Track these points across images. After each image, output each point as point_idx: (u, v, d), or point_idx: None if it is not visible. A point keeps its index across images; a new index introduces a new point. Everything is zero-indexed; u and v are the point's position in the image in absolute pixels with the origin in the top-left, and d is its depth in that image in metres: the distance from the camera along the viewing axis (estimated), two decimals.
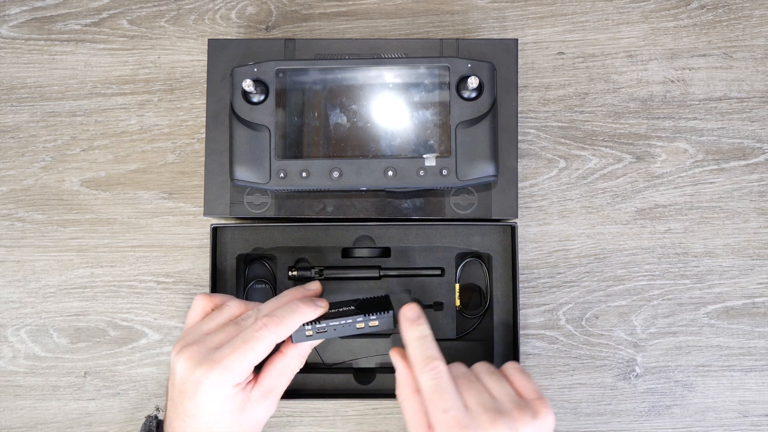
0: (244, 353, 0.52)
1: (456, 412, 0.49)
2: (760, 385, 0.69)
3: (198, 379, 0.52)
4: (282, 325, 0.54)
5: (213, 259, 0.65)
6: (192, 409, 0.53)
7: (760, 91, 0.70)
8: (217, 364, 0.52)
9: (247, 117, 0.60)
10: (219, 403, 0.52)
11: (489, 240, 0.66)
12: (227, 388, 0.52)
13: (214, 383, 0.52)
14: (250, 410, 0.54)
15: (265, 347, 0.53)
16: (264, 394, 0.55)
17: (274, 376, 0.55)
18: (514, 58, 0.64)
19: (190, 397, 0.52)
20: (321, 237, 0.66)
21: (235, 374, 0.52)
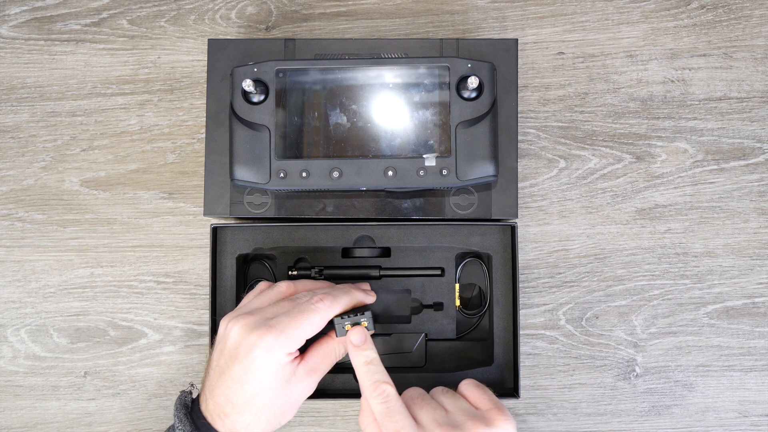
0: (301, 322, 0.54)
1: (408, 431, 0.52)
2: (760, 385, 0.69)
3: (254, 342, 0.53)
4: (337, 302, 0.56)
5: (213, 259, 0.65)
6: (241, 374, 0.54)
7: (760, 91, 0.70)
8: (274, 329, 0.53)
9: (247, 117, 0.60)
10: (269, 369, 0.53)
11: (489, 240, 0.66)
12: (281, 354, 0.53)
13: (270, 346, 0.53)
14: (294, 386, 0.55)
15: (321, 320, 0.55)
16: (309, 371, 0.56)
17: (320, 356, 0.57)
18: (514, 58, 0.64)
19: (241, 360, 0.53)
20: (321, 237, 0.66)
21: (291, 341, 0.53)
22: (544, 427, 0.68)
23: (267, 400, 0.54)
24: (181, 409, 0.56)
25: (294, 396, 0.56)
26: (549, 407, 0.69)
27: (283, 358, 0.54)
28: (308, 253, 0.67)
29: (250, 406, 0.54)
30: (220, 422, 0.54)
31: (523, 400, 0.68)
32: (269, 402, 0.54)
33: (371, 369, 0.55)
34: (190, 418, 0.55)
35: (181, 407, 0.56)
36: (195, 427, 0.54)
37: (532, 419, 0.69)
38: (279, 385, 0.54)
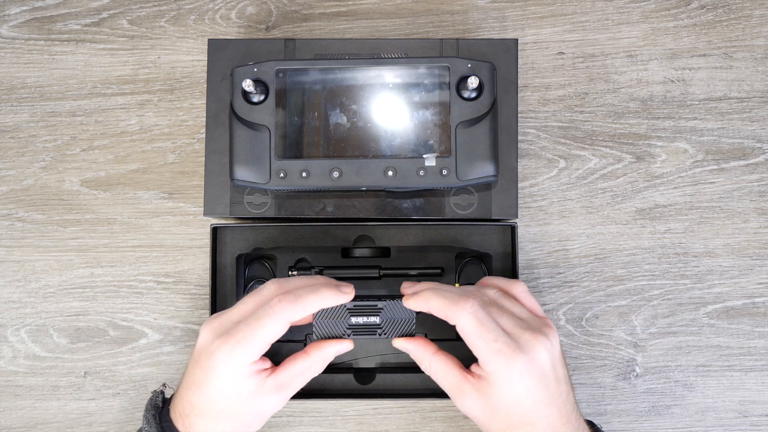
0: (256, 329, 0.52)
1: (505, 339, 0.51)
2: (760, 385, 0.69)
3: (213, 350, 0.52)
4: (298, 303, 0.53)
5: (213, 259, 0.65)
6: (201, 378, 0.53)
7: (760, 91, 0.70)
8: (232, 338, 0.52)
9: (247, 117, 0.60)
10: (228, 379, 0.52)
11: (489, 240, 0.66)
12: (241, 365, 0.52)
13: (227, 357, 0.52)
14: (259, 399, 0.53)
15: (278, 324, 0.52)
16: (277, 387, 0.54)
17: (292, 373, 0.55)
18: (514, 58, 0.64)
19: (202, 366, 0.53)
20: (321, 237, 0.66)
21: (248, 350, 0.52)
22: None
23: (226, 408, 0.53)
24: (150, 410, 0.55)
25: (258, 409, 0.54)
26: None
27: (243, 368, 0.52)
28: (308, 253, 0.67)
29: (207, 412, 0.53)
30: (180, 423, 0.54)
31: None
32: (228, 410, 0.53)
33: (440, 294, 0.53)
34: (157, 419, 0.54)
35: (151, 407, 0.55)
36: (161, 428, 0.54)
37: None
38: (240, 396, 0.53)
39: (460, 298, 0.53)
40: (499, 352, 0.51)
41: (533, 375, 0.51)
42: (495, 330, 0.51)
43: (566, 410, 0.53)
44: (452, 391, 0.54)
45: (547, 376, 0.52)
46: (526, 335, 0.52)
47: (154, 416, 0.55)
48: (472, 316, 0.52)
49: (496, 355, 0.51)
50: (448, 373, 0.54)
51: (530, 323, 0.54)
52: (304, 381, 0.56)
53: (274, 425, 0.69)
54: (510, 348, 0.51)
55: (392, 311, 0.56)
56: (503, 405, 0.51)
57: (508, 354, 0.51)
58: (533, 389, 0.51)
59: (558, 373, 0.53)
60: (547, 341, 0.52)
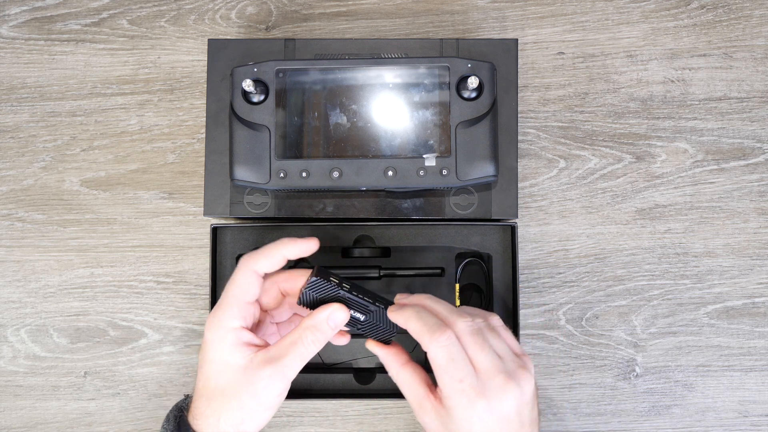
0: (228, 289, 0.53)
1: (471, 380, 0.50)
2: (760, 385, 0.69)
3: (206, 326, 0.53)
4: (260, 253, 0.54)
5: (213, 259, 0.65)
6: (200, 359, 0.54)
7: (760, 91, 0.70)
8: (215, 308, 0.53)
9: (247, 117, 0.60)
10: (218, 349, 0.52)
11: (489, 240, 0.66)
12: (225, 330, 0.52)
13: (211, 324, 0.53)
14: (252, 374, 0.51)
15: (244, 275, 0.53)
16: (268, 359, 0.52)
17: (283, 344, 0.52)
18: (514, 58, 0.64)
19: (201, 347, 0.54)
20: (321, 237, 0.66)
21: (226, 311, 0.52)
22: (545, 427, 0.68)
23: (219, 384, 0.52)
24: (174, 410, 0.56)
25: (253, 386, 0.51)
26: (549, 407, 0.69)
27: (228, 334, 0.52)
28: None
29: (205, 390, 0.53)
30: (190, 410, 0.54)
31: None
32: (222, 387, 0.52)
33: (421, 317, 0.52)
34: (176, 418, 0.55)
35: (175, 408, 0.56)
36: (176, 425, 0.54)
37: None
38: (232, 370, 0.52)
39: (438, 328, 0.51)
40: (462, 392, 0.50)
41: (493, 419, 0.50)
42: (464, 369, 0.50)
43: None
44: (413, 405, 0.53)
45: (510, 422, 0.50)
46: (497, 379, 0.50)
47: (175, 416, 0.55)
48: (444, 350, 0.50)
49: (458, 394, 0.50)
50: (413, 386, 0.53)
51: (507, 365, 0.51)
52: (301, 356, 0.53)
53: (274, 425, 0.69)
54: (474, 391, 0.50)
55: (380, 316, 0.55)
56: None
57: (471, 396, 0.50)
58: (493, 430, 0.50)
59: (523, 418, 0.51)
60: (518, 389, 0.50)
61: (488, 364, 0.51)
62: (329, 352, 0.67)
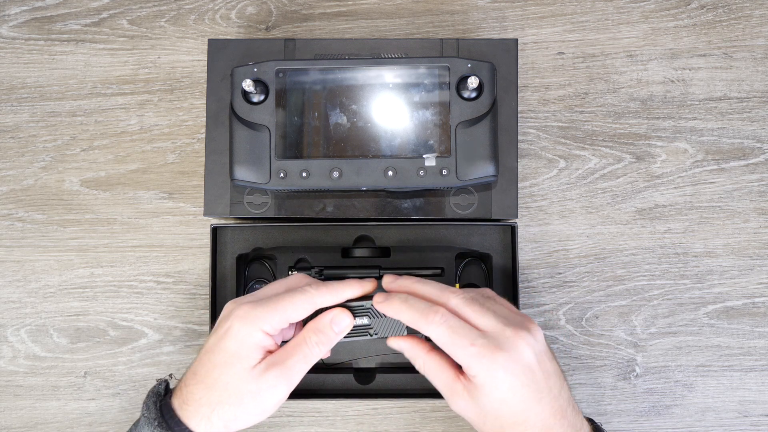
0: (283, 299, 0.52)
1: (482, 341, 0.50)
2: (760, 385, 0.69)
3: (234, 311, 0.52)
4: (328, 290, 0.54)
5: (213, 259, 0.65)
6: (213, 342, 0.53)
7: (760, 91, 0.70)
8: (254, 303, 0.53)
9: (247, 117, 0.60)
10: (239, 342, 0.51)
11: (489, 240, 0.66)
12: (255, 328, 0.52)
13: (245, 315, 0.52)
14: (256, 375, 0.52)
15: (306, 303, 0.53)
16: (273, 363, 0.52)
17: (288, 348, 0.53)
18: (514, 58, 0.64)
19: (217, 330, 0.53)
20: (321, 237, 0.66)
21: (268, 314, 0.52)
22: None
23: (224, 377, 0.52)
24: (152, 396, 0.54)
25: (255, 386, 0.51)
26: None
27: (256, 333, 0.51)
28: (308, 253, 0.67)
29: (207, 378, 0.52)
30: (178, 395, 0.53)
31: None
32: (225, 380, 0.52)
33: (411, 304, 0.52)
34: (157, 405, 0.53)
35: (152, 395, 0.54)
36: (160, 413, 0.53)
37: None
38: (241, 367, 0.51)
39: (429, 310, 0.51)
40: (478, 354, 0.49)
41: (517, 372, 0.49)
42: (470, 334, 0.50)
43: (559, 405, 0.51)
44: (445, 391, 0.53)
45: (533, 372, 0.50)
46: (506, 332, 0.50)
47: (155, 402, 0.53)
48: (444, 325, 0.50)
49: (475, 358, 0.49)
50: (441, 372, 0.53)
51: (511, 320, 0.52)
52: (305, 358, 0.53)
53: (274, 425, 0.69)
54: (488, 349, 0.49)
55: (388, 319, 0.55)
56: (492, 407, 0.50)
57: (487, 355, 0.49)
58: (519, 387, 0.50)
59: (545, 367, 0.51)
60: (530, 336, 0.50)
61: (492, 323, 0.51)
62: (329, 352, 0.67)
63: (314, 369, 0.66)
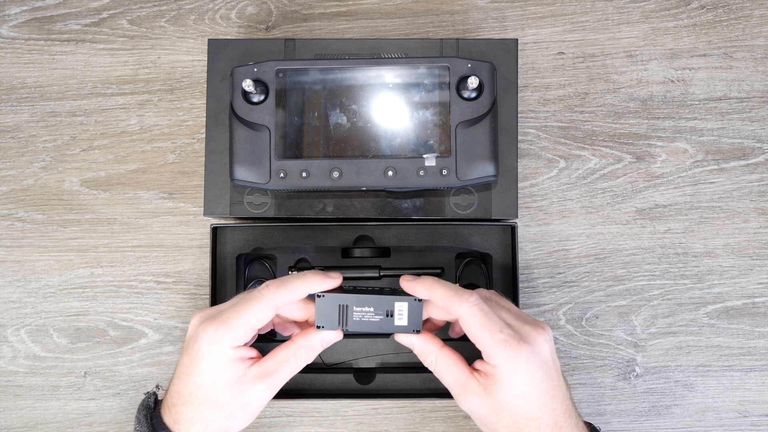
0: (242, 311, 0.52)
1: (509, 330, 0.51)
2: (760, 385, 0.69)
3: (199, 334, 0.52)
4: (284, 287, 0.53)
5: (213, 259, 0.65)
6: (188, 365, 0.53)
7: (760, 91, 0.70)
8: (216, 320, 0.52)
9: (247, 117, 0.60)
10: (213, 362, 0.52)
11: (489, 240, 0.66)
12: (224, 347, 0.52)
13: (212, 338, 0.52)
14: (243, 387, 0.52)
15: (265, 307, 0.52)
16: (261, 375, 0.53)
17: (277, 360, 0.54)
18: (514, 58, 0.64)
19: (189, 352, 0.53)
20: (321, 237, 0.66)
21: (232, 331, 0.52)
22: None
23: (210, 395, 0.52)
24: (142, 410, 0.55)
25: (243, 399, 0.53)
26: None
27: (227, 351, 0.52)
28: (308, 253, 0.67)
29: (192, 399, 0.53)
30: (167, 414, 0.53)
31: None
32: (213, 398, 0.52)
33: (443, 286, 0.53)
34: (148, 419, 0.54)
35: (143, 408, 0.55)
36: (152, 427, 0.53)
37: None
38: (225, 383, 0.52)
39: (463, 290, 0.53)
40: (504, 342, 0.50)
41: (538, 367, 0.51)
42: (498, 322, 0.51)
43: (567, 404, 0.53)
44: (457, 388, 0.53)
45: (550, 368, 0.52)
46: (526, 327, 0.52)
47: (146, 416, 0.54)
48: (476, 307, 0.51)
49: (501, 345, 0.50)
50: (454, 369, 0.53)
51: (526, 318, 0.54)
52: (292, 371, 0.54)
53: (274, 425, 0.69)
54: (514, 339, 0.51)
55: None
56: (509, 401, 0.51)
57: (513, 345, 0.50)
58: (538, 381, 0.51)
59: (557, 365, 0.53)
60: (546, 333, 0.53)
61: (511, 318, 0.53)
62: (329, 352, 0.67)
63: (314, 369, 0.66)
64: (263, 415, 0.68)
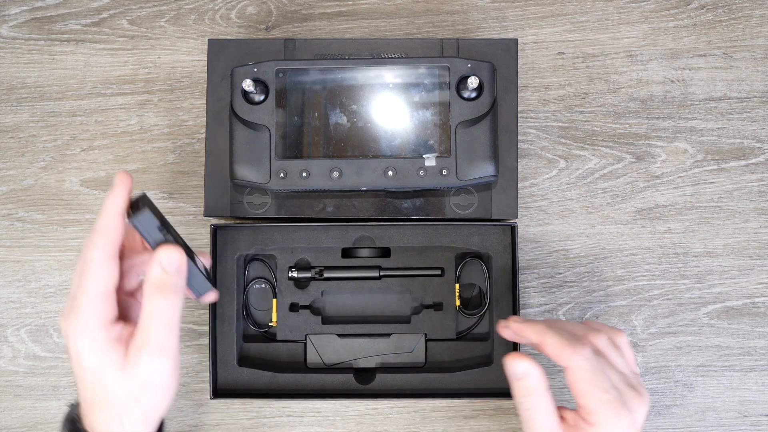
0: (84, 285, 0.47)
1: (615, 392, 0.51)
2: (760, 385, 0.69)
3: (67, 334, 0.48)
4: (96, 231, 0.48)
5: (213, 259, 0.65)
6: (75, 369, 0.49)
7: (760, 91, 0.70)
8: (70, 311, 0.48)
9: (247, 117, 0.60)
10: (92, 356, 0.47)
11: (489, 240, 0.66)
12: (92, 334, 0.47)
13: (75, 331, 0.47)
14: (133, 369, 0.47)
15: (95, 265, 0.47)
16: (138, 347, 0.47)
17: (143, 323, 0.48)
18: (514, 58, 0.64)
19: (71, 356, 0.48)
20: (321, 237, 0.66)
21: (85, 311, 0.47)
22: None
23: (108, 391, 0.48)
24: (67, 425, 0.51)
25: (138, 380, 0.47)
26: None
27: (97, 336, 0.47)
28: (308, 253, 0.67)
29: (95, 401, 0.49)
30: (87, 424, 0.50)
31: None
32: (111, 394, 0.48)
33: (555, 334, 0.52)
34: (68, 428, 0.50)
35: (68, 422, 0.51)
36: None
37: None
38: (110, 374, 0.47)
39: (578, 342, 0.52)
40: (609, 404, 0.50)
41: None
42: (607, 381, 0.51)
43: None
44: None
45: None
46: (630, 393, 0.52)
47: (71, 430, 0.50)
48: (587, 362, 0.51)
49: (606, 406, 0.50)
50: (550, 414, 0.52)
51: (631, 381, 0.53)
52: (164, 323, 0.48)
53: (274, 425, 0.69)
54: (619, 403, 0.51)
55: None
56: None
57: (617, 408, 0.50)
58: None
59: None
60: (645, 403, 0.52)
61: (618, 379, 0.52)
62: (329, 353, 0.67)
63: (314, 369, 0.66)
64: (263, 415, 0.68)
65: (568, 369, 0.51)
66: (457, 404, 0.68)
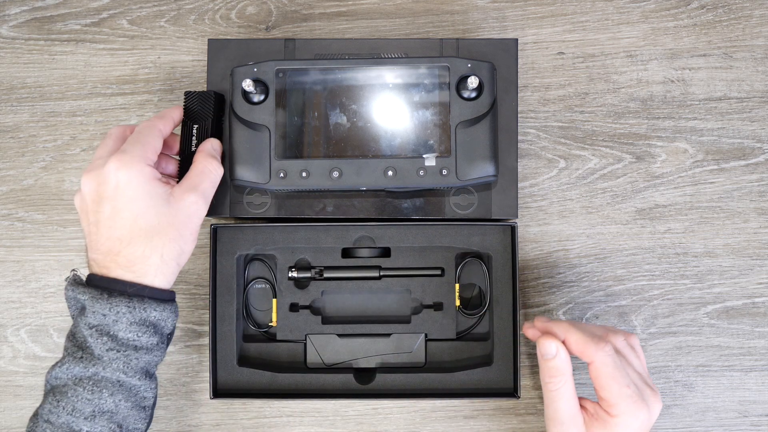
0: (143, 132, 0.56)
1: (634, 387, 0.54)
2: (760, 385, 0.69)
3: (109, 171, 0.53)
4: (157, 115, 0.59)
5: (213, 259, 0.65)
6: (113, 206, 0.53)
7: (760, 91, 0.70)
8: (121, 153, 0.54)
9: (247, 117, 0.60)
10: (138, 185, 0.53)
11: (489, 240, 0.66)
12: (141, 166, 0.53)
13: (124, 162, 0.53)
14: (179, 203, 0.54)
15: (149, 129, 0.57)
16: (186, 189, 0.55)
17: (194, 174, 0.57)
18: (514, 58, 0.64)
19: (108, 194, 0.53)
20: (321, 237, 0.66)
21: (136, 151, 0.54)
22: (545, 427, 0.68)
23: (151, 220, 0.53)
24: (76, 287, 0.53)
25: (184, 213, 0.54)
26: None
27: (145, 169, 0.53)
28: (308, 253, 0.67)
29: (136, 233, 0.52)
30: (114, 266, 0.52)
31: (523, 400, 0.68)
32: (155, 222, 0.53)
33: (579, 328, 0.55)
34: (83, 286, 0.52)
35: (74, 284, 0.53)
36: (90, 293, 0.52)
37: (532, 419, 0.69)
38: (156, 204, 0.53)
39: (600, 339, 0.55)
40: (630, 398, 0.53)
41: (646, 428, 0.54)
42: (627, 377, 0.54)
43: None
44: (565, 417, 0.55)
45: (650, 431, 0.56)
46: (647, 390, 0.55)
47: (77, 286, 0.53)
48: (610, 358, 0.54)
49: (627, 400, 0.53)
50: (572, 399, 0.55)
51: (647, 380, 0.56)
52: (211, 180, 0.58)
53: (274, 425, 0.69)
54: (639, 397, 0.54)
55: None
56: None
57: (637, 402, 0.54)
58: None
59: None
60: (660, 403, 0.56)
61: (636, 377, 0.56)
62: (329, 353, 0.67)
63: (314, 369, 0.66)
64: (263, 415, 0.68)
65: (593, 364, 0.54)
66: (457, 404, 0.69)
